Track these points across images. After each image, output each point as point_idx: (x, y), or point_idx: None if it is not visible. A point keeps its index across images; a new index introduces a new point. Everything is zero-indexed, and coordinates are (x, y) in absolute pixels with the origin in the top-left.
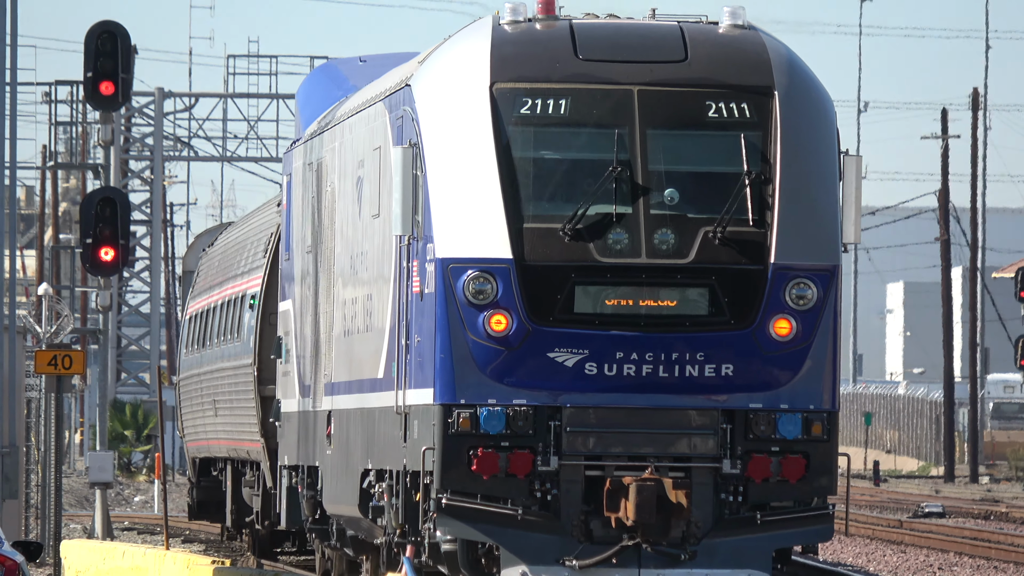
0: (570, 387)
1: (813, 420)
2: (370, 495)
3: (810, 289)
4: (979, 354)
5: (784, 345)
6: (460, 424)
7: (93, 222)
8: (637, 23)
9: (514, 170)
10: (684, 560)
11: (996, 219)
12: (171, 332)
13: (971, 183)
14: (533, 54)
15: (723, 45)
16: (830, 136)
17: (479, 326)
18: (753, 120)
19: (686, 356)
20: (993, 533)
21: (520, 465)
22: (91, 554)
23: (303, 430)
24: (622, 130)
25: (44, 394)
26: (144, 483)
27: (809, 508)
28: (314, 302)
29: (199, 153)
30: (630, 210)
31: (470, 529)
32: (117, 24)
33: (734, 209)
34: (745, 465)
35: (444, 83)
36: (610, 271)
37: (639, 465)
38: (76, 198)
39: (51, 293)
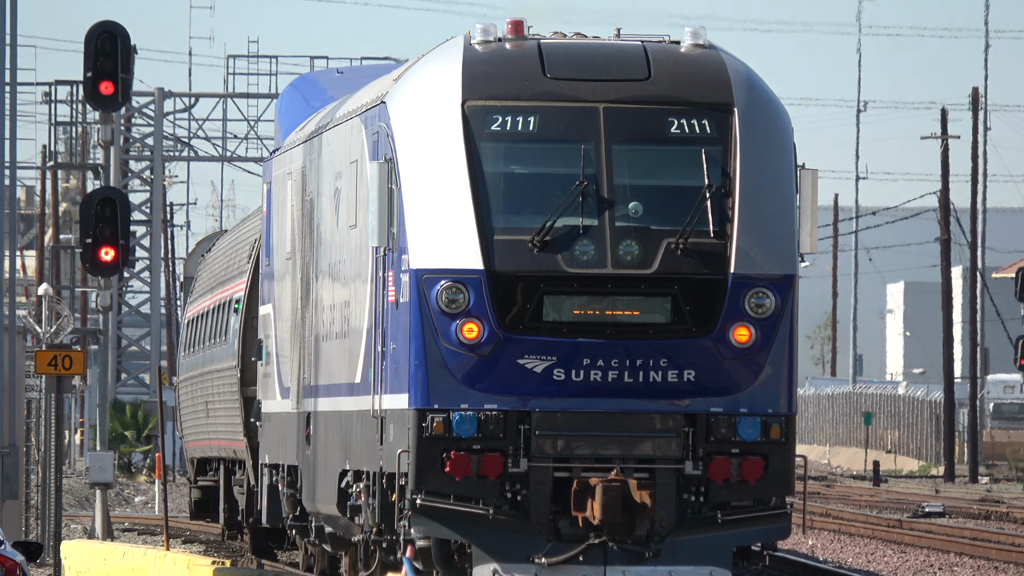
0: (539, 392)
1: (771, 423)
2: (348, 495)
3: (768, 298)
4: (979, 354)
5: (743, 352)
6: (434, 428)
7: (93, 222)
8: (602, 43)
9: (485, 184)
10: (648, 558)
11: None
12: (171, 332)
13: (971, 183)
14: (503, 73)
15: (684, 64)
16: (787, 151)
17: (452, 334)
18: (713, 136)
19: (650, 362)
20: (993, 533)
21: (491, 467)
22: (91, 554)
23: (283, 430)
24: (588, 146)
25: (44, 394)
26: (144, 483)
27: (768, 507)
28: (293, 307)
29: (199, 153)
30: (596, 222)
31: (443, 528)
32: (117, 24)
33: (695, 221)
34: (706, 466)
35: (418, 101)
36: (577, 281)
37: (605, 467)
38: (76, 198)
39: (51, 293)
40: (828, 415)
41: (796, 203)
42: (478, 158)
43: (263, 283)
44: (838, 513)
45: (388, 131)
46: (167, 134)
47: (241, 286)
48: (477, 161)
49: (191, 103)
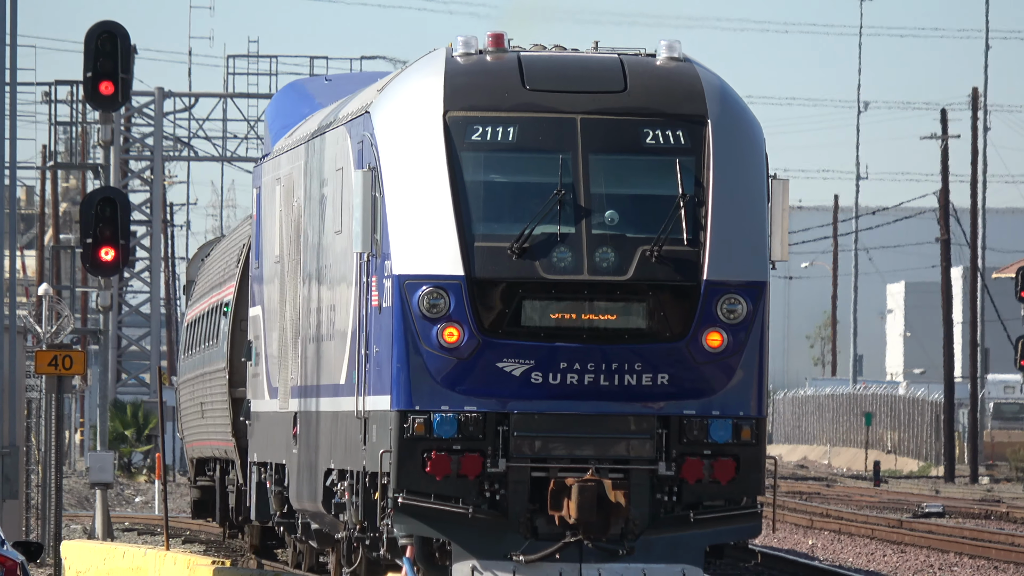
0: (517, 395)
1: (742, 426)
2: (333, 493)
3: (740, 304)
4: (979, 354)
5: (716, 356)
6: (415, 429)
7: (93, 222)
8: (580, 55)
9: (466, 193)
10: (622, 555)
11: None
12: (171, 332)
13: (971, 183)
14: (484, 84)
15: (660, 76)
16: (759, 161)
17: (433, 338)
18: (687, 146)
19: (625, 366)
20: (993, 533)
21: (471, 467)
22: (91, 554)
23: (272, 430)
24: (566, 155)
25: (44, 394)
26: (144, 483)
27: (739, 507)
28: (281, 309)
29: (199, 153)
30: (573, 230)
31: (424, 526)
32: (117, 24)
33: (670, 229)
34: (679, 467)
35: (401, 111)
36: (555, 287)
37: (581, 467)
38: (76, 198)
39: (51, 293)
40: (828, 415)
41: (768, 212)
42: (459, 167)
43: (253, 285)
44: (838, 513)
45: (372, 140)
46: (167, 134)
47: (230, 290)
48: (458, 170)
49: (191, 103)
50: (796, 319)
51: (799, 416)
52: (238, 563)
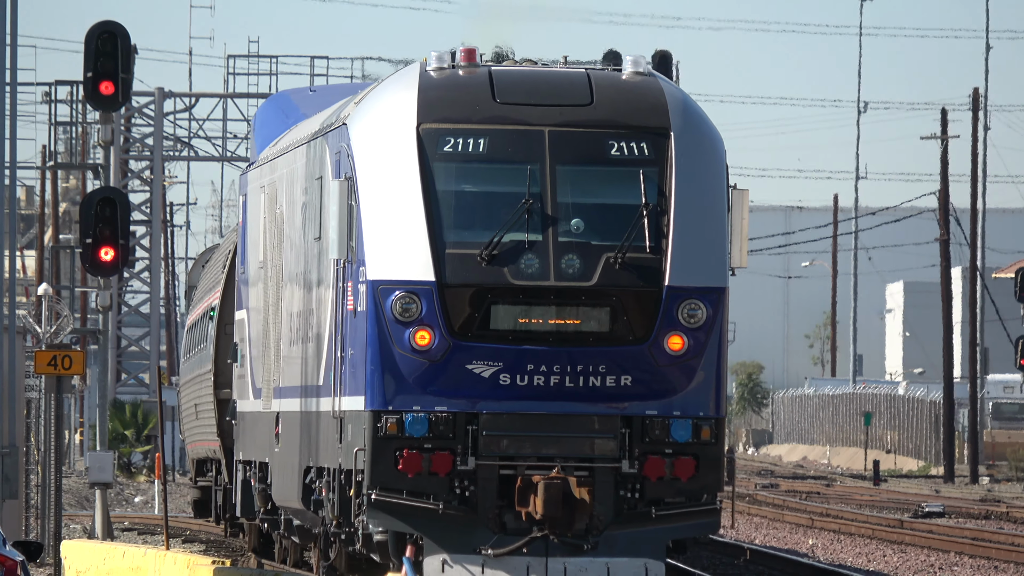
0: (486, 396)
1: (702, 425)
2: (312, 490)
3: (700, 309)
4: (979, 354)
5: (677, 359)
6: (388, 428)
7: (93, 222)
8: (548, 70)
9: (437, 202)
10: (587, 550)
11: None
12: (171, 332)
13: (971, 183)
14: (456, 98)
15: (625, 90)
16: (720, 172)
17: (405, 341)
18: (651, 158)
19: (590, 368)
20: (993, 533)
21: (441, 465)
22: (91, 554)
23: (256, 429)
24: (534, 166)
25: (44, 394)
26: (144, 483)
27: (699, 503)
28: (265, 313)
29: (199, 153)
30: (540, 238)
31: (397, 522)
32: (117, 24)
33: (633, 237)
34: (642, 465)
35: (376, 123)
36: (522, 292)
37: (547, 465)
38: (76, 198)
39: (51, 293)
40: (828, 415)
41: (728, 221)
42: (431, 177)
43: (239, 290)
44: (838, 513)
45: (348, 151)
46: (167, 134)
47: (218, 295)
48: (430, 180)
49: (191, 103)
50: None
51: (799, 416)
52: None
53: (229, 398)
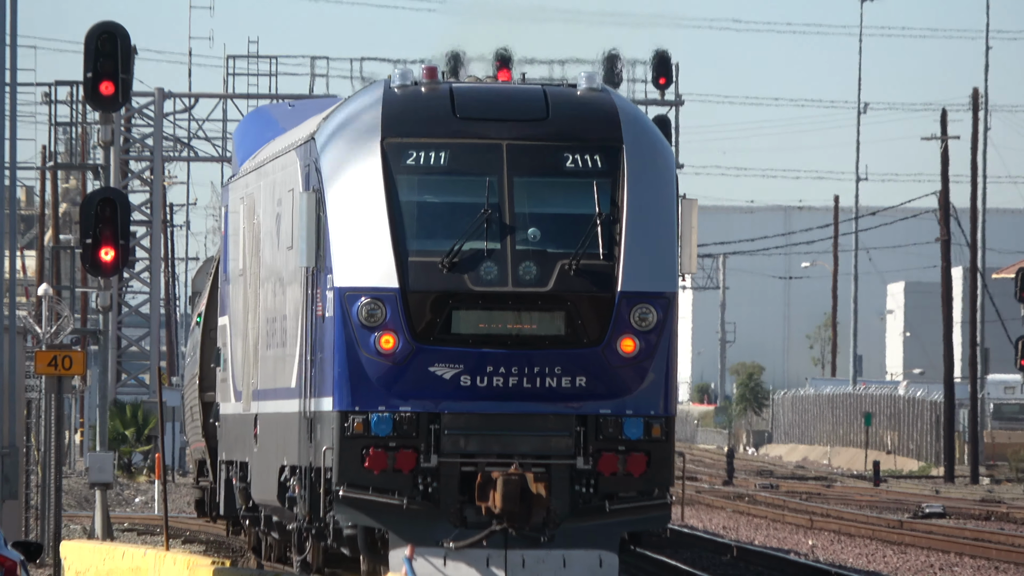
0: (448, 396)
1: (653, 424)
2: (286, 487)
3: (651, 313)
4: (979, 354)
5: (629, 360)
6: (355, 428)
7: (93, 222)
8: (507, 86)
9: (401, 212)
10: (544, 542)
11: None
12: (171, 332)
13: (971, 183)
14: (418, 113)
15: (579, 105)
16: (670, 183)
17: (371, 345)
18: (604, 170)
19: (546, 370)
20: (993, 534)
21: (405, 462)
22: (91, 555)
23: (237, 430)
24: (493, 178)
25: (44, 394)
26: (144, 484)
27: (651, 498)
28: (244, 318)
29: (199, 153)
30: (499, 246)
31: (363, 516)
32: (117, 25)
33: (587, 245)
34: (596, 462)
35: (342, 138)
36: (482, 298)
37: (506, 462)
38: (76, 198)
39: (51, 294)
40: (828, 415)
41: (677, 229)
42: (395, 189)
43: (221, 297)
44: (838, 513)
45: (317, 165)
46: (167, 134)
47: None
48: (394, 192)
49: (191, 103)
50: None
51: (799, 416)
52: (238, 563)
53: (213, 401)
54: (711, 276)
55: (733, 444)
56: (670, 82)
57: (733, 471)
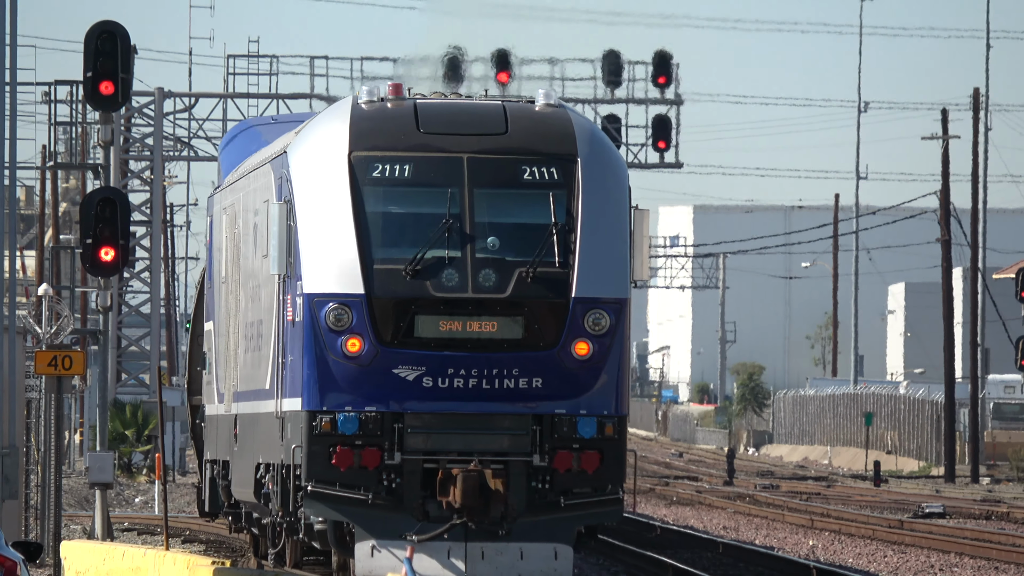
0: (411, 397)
1: (606, 423)
2: (262, 484)
3: (604, 317)
4: (980, 354)
5: (583, 363)
6: (322, 427)
7: (93, 222)
8: (468, 102)
9: (366, 222)
10: (502, 535)
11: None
12: (171, 333)
13: (972, 183)
14: (383, 128)
15: (537, 120)
16: (623, 194)
17: (338, 348)
18: (560, 181)
19: (504, 372)
20: (994, 534)
21: (370, 459)
22: (91, 555)
23: (220, 431)
24: (454, 189)
25: (44, 394)
26: (144, 484)
27: (604, 494)
28: (226, 323)
29: (199, 153)
30: (460, 254)
31: (330, 511)
32: (117, 24)
33: (543, 253)
34: (551, 459)
35: (312, 152)
36: (443, 303)
37: (466, 459)
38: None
39: (51, 293)
40: (829, 415)
41: (629, 239)
42: (361, 200)
43: (207, 303)
44: (839, 513)
45: (288, 177)
46: (167, 134)
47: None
48: (360, 202)
49: (191, 103)
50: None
51: (800, 416)
52: (238, 563)
53: (200, 403)
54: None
55: (734, 444)
56: (670, 82)
57: (734, 471)
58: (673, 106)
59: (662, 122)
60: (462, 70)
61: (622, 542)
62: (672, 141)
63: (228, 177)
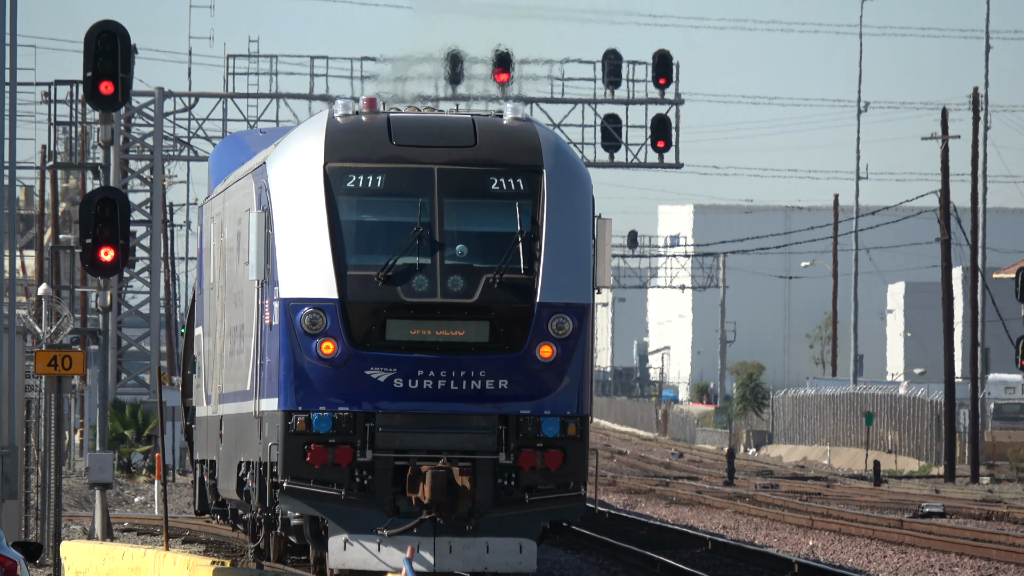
0: (382, 398)
1: (569, 423)
2: (244, 481)
3: (568, 322)
4: (980, 354)
5: (547, 365)
6: (298, 426)
7: (93, 222)
8: (439, 116)
9: (341, 230)
10: (469, 530)
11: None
12: (171, 332)
13: (971, 183)
14: (358, 140)
15: (505, 134)
16: (586, 204)
17: (313, 350)
18: (526, 192)
19: (471, 374)
20: (994, 534)
21: (343, 457)
22: (91, 555)
23: (208, 431)
24: (424, 199)
25: (44, 394)
26: (144, 484)
27: (567, 490)
28: (214, 328)
29: (199, 153)
30: (429, 261)
31: (305, 506)
32: (117, 24)
33: (509, 260)
34: (517, 457)
35: (289, 163)
36: (413, 308)
37: (435, 457)
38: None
39: (51, 293)
40: (829, 415)
41: (592, 247)
42: (335, 209)
43: (197, 308)
44: (839, 513)
45: (267, 187)
46: (167, 134)
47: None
48: (335, 211)
49: (191, 103)
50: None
51: (799, 416)
52: (238, 563)
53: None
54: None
55: (733, 444)
56: (670, 82)
57: (734, 471)
58: (673, 106)
59: (662, 122)
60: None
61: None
62: (672, 141)
63: (217, 187)
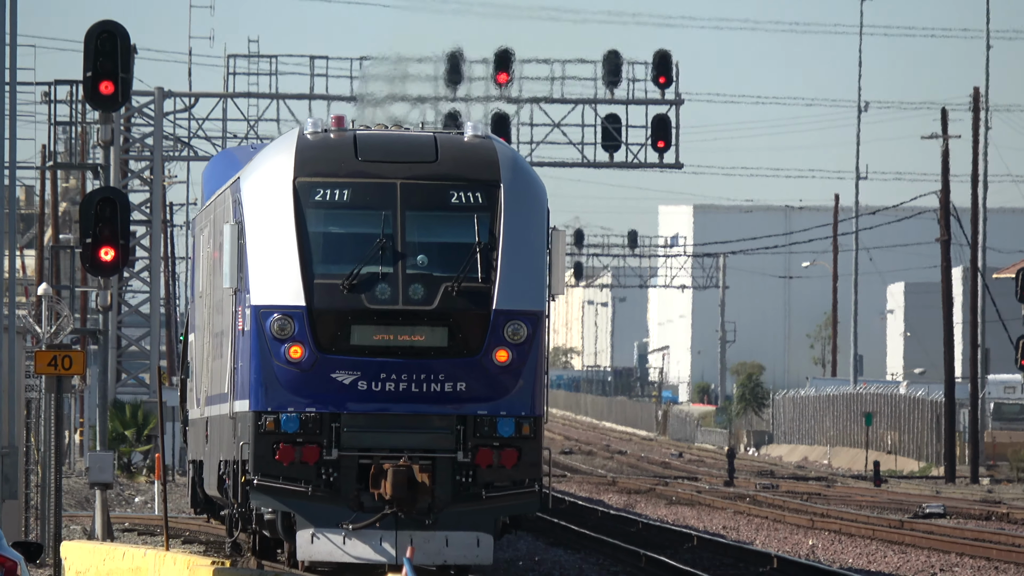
0: (347, 399)
1: (523, 423)
2: (224, 480)
3: (522, 328)
4: (980, 354)
5: (503, 369)
6: (267, 426)
7: (93, 222)
8: (403, 133)
9: (308, 241)
10: (429, 525)
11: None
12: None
13: (972, 183)
14: (325, 156)
15: (465, 150)
16: (541, 217)
17: (281, 354)
18: (484, 205)
19: (431, 376)
20: (994, 534)
21: (310, 455)
22: (91, 555)
23: (197, 432)
24: (388, 212)
25: (44, 394)
26: (144, 484)
27: (522, 487)
28: (202, 334)
29: (199, 153)
30: (392, 270)
31: (275, 502)
32: (117, 24)
33: (467, 270)
34: (474, 455)
35: (261, 178)
36: (376, 315)
37: (397, 455)
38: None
39: (51, 293)
40: (829, 415)
41: (547, 257)
42: (304, 221)
43: (190, 315)
44: (839, 514)
45: (240, 200)
46: (167, 134)
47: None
48: (303, 223)
49: (191, 103)
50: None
51: (799, 416)
52: (238, 563)
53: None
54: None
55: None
56: (670, 82)
57: (734, 471)
58: (673, 106)
59: (662, 122)
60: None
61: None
62: (672, 141)
63: (208, 200)
